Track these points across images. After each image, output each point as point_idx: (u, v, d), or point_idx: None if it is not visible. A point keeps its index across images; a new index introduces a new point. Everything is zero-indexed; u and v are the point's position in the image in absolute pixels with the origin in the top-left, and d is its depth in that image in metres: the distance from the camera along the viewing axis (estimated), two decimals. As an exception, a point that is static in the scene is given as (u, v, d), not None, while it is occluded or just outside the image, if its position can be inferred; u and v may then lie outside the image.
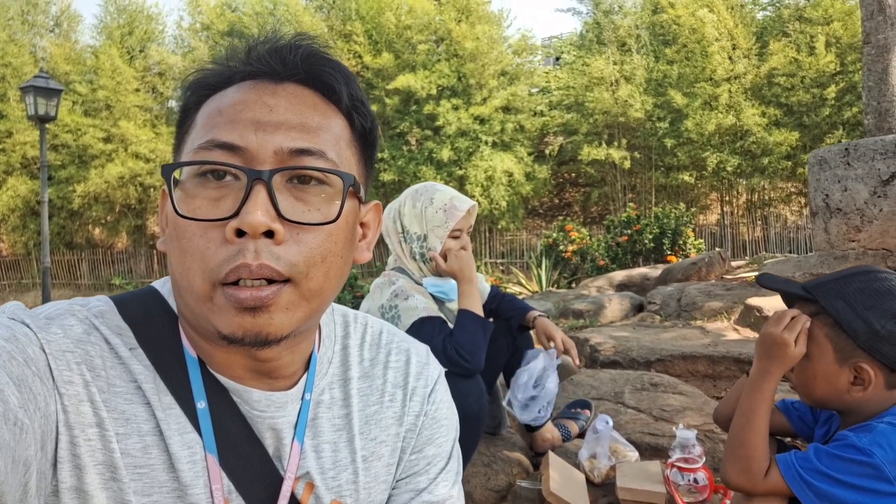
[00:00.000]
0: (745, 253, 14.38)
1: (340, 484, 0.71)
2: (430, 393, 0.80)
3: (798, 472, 1.15)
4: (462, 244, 1.94)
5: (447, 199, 1.91)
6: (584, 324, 4.34)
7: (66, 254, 18.89)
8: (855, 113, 13.27)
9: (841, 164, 3.85)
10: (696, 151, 14.56)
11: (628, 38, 16.21)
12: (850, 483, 1.10)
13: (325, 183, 0.61)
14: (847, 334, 1.18)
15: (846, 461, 1.11)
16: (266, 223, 0.56)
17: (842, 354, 1.20)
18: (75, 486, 0.58)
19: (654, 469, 1.84)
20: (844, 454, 1.12)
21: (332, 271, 0.62)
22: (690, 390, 2.56)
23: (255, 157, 0.59)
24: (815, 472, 1.13)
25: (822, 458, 1.15)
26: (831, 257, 3.88)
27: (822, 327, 1.22)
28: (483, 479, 1.92)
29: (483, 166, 15.55)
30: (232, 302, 0.57)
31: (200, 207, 0.58)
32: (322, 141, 0.62)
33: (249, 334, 0.58)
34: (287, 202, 0.59)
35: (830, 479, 1.12)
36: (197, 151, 0.60)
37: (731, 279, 5.16)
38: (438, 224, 1.89)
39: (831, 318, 1.20)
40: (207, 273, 0.57)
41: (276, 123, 0.60)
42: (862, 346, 1.17)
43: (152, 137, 17.38)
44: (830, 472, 1.12)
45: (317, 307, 0.63)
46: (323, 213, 0.61)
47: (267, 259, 0.56)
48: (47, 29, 19.29)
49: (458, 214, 1.89)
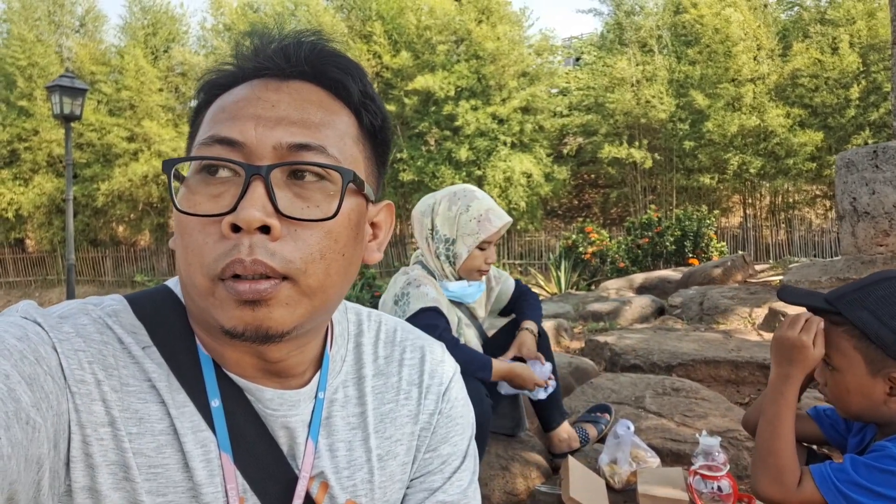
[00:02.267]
0: (769, 256, 14.18)
1: (355, 483, 0.70)
2: (445, 391, 0.79)
3: (835, 484, 1.11)
4: (487, 256, 1.94)
5: (484, 210, 1.91)
6: (604, 326, 4.29)
7: (91, 251, 19.23)
8: (882, 114, 13.05)
9: (869, 167, 3.77)
10: (718, 153, 14.40)
11: (650, 38, 16.08)
12: (891, 496, 1.06)
13: (325, 179, 0.60)
14: (876, 345, 1.14)
15: (887, 473, 1.07)
16: (261, 218, 0.55)
17: (873, 366, 1.16)
18: (88, 485, 0.57)
19: (677, 476, 1.80)
20: (884, 466, 1.08)
21: (333, 268, 0.61)
22: (713, 396, 2.51)
23: (253, 152, 0.58)
24: (854, 485, 1.09)
25: (861, 469, 1.10)
26: (858, 262, 3.80)
27: (850, 339, 1.18)
28: (501, 482, 1.89)
29: (502, 167, 15.52)
30: (232, 294, 0.56)
31: (201, 203, 0.58)
32: (324, 136, 0.61)
33: (250, 328, 0.57)
34: (286, 198, 0.58)
35: (870, 491, 1.07)
36: (199, 148, 0.60)
37: (755, 283, 5.07)
38: (470, 233, 1.90)
39: (858, 329, 1.16)
40: (205, 268, 0.57)
41: (276, 119, 0.60)
42: (892, 356, 1.13)
43: (175, 136, 17.62)
44: (870, 484, 1.08)
45: (320, 305, 0.61)
46: (322, 210, 0.60)
47: (261, 255, 0.56)
48: (73, 29, 19.66)
49: (491, 229, 1.90)
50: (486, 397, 1.71)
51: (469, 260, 1.91)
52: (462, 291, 1.95)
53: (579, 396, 2.59)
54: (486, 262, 1.95)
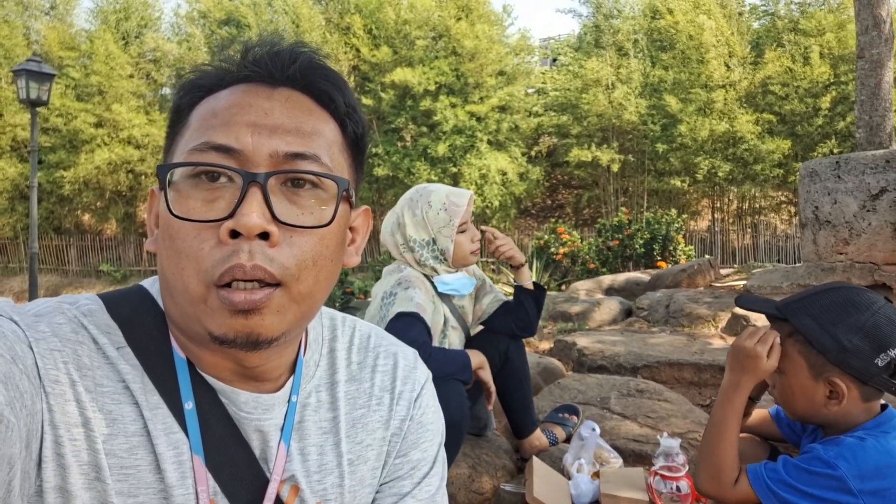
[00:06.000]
0: (735, 260, 14.48)
1: (326, 487, 0.71)
2: (416, 397, 0.80)
3: (766, 483, 1.19)
4: (471, 236, 1.95)
5: (444, 197, 1.91)
6: (573, 327, 4.36)
7: (55, 239, 18.72)
8: (847, 124, 13.40)
9: (832, 177, 3.89)
10: (689, 157, 14.65)
11: (626, 41, 16.26)
12: (815, 495, 1.13)
13: (318, 187, 0.62)
14: (817, 350, 1.21)
15: (811, 473, 1.15)
16: (262, 225, 0.57)
17: (815, 370, 1.22)
18: (59, 485, 0.58)
19: (638, 476, 1.85)
20: (811, 467, 1.15)
21: (322, 274, 0.63)
22: (676, 397, 2.58)
23: (250, 159, 0.59)
24: (783, 484, 1.17)
25: (791, 470, 1.18)
26: (819, 269, 3.92)
27: (795, 344, 1.25)
28: (467, 481, 1.92)
29: (478, 164, 15.55)
30: (226, 304, 0.57)
31: (194, 208, 0.59)
32: (316, 145, 0.63)
33: (241, 336, 0.58)
34: (281, 205, 0.60)
35: (797, 490, 1.15)
36: (191, 153, 0.60)
37: (720, 287, 5.19)
38: (444, 224, 1.90)
39: (802, 335, 1.23)
40: (202, 274, 0.57)
41: (271, 127, 0.61)
42: (832, 361, 1.19)
43: (145, 123, 17.24)
44: (797, 483, 1.15)
45: (307, 310, 0.63)
46: (316, 217, 0.61)
47: (261, 261, 0.57)
48: (42, 11, 19.09)
49: (459, 210, 1.90)
50: (465, 399, 1.72)
51: (457, 248, 1.92)
52: (459, 283, 1.95)
53: (547, 396, 2.63)
54: (472, 242, 1.95)
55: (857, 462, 1.12)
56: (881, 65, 6.06)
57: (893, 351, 1.17)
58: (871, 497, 1.10)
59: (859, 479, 1.11)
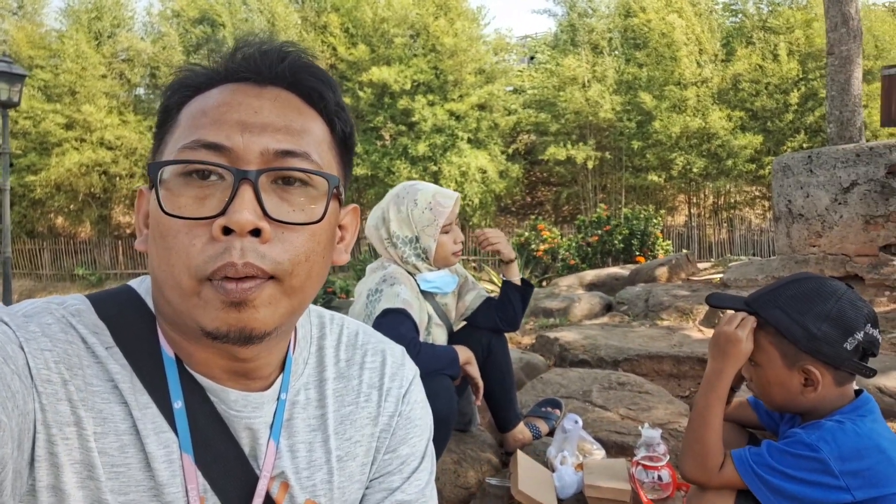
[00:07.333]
0: (712, 254, 14.71)
1: (315, 483, 0.72)
2: (404, 393, 0.81)
3: (751, 467, 1.23)
4: (454, 237, 1.96)
5: (430, 196, 1.92)
6: (554, 322, 4.39)
7: (28, 243, 18.37)
8: (817, 118, 13.71)
9: (804, 171, 3.97)
10: (665, 153, 14.85)
11: (601, 40, 16.41)
12: (798, 477, 1.17)
13: (308, 184, 0.63)
14: (788, 340, 1.25)
15: (795, 457, 1.19)
16: (253, 221, 0.57)
17: (788, 360, 1.27)
18: (52, 484, 0.58)
19: (620, 467, 1.88)
20: (794, 450, 1.19)
21: (314, 270, 0.64)
22: (656, 389, 2.62)
23: (240, 157, 0.60)
24: (767, 468, 1.21)
25: (774, 454, 1.22)
26: (793, 261, 4.00)
27: (767, 336, 1.29)
28: (452, 476, 1.94)
29: (458, 162, 15.59)
30: (220, 293, 0.57)
31: (185, 206, 0.59)
32: (306, 143, 0.63)
33: (234, 329, 0.59)
34: (272, 202, 0.60)
35: (781, 473, 1.19)
36: (182, 151, 0.61)
37: (697, 280, 5.27)
38: (428, 223, 1.90)
39: (772, 326, 1.27)
40: (193, 269, 0.58)
41: (261, 125, 0.61)
42: (804, 350, 1.24)
43: (119, 124, 16.97)
44: (781, 467, 1.19)
45: (298, 305, 0.64)
46: (307, 214, 0.62)
47: (252, 258, 0.58)
48: (10, 11, 18.70)
49: (444, 211, 1.91)
50: (454, 395, 1.73)
51: (440, 248, 1.92)
52: (442, 281, 1.96)
53: (529, 391, 2.66)
54: (455, 243, 1.96)
55: (838, 444, 1.17)
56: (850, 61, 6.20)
57: (860, 334, 1.22)
58: (852, 477, 1.15)
59: (840, 460, 1.15)
